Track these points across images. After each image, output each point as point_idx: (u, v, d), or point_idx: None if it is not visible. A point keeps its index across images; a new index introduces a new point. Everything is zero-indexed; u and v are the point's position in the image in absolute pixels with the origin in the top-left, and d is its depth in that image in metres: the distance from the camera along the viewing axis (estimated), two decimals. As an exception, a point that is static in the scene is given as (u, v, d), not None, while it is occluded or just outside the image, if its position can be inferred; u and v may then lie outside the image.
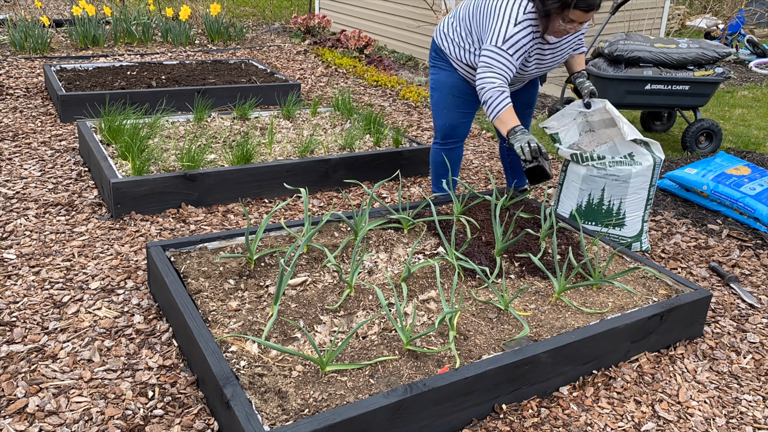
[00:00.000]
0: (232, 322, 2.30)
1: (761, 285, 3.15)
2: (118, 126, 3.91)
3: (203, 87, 5.20)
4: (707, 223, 3.75)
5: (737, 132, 5.63)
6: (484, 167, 4.49)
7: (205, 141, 4.12)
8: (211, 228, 3.34)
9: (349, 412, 1.85)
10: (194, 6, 9.47)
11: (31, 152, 4.13)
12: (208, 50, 7.48)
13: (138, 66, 5.92)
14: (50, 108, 5.02)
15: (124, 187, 3.31)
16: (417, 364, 2.14)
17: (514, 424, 2.13)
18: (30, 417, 2.04)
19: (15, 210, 3.36)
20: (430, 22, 7.20)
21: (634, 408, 2.26)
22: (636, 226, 3.31)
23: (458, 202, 3.22)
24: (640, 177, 3.21)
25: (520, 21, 2.83)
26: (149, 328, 2.51)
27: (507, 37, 2.83)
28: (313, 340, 2.04)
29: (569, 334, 2.29)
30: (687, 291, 2.67)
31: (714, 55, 4.72)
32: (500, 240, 2.83)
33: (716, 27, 9.83)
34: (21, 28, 6.75)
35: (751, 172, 3.87)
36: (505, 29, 2.83)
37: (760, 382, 2.46)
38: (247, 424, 1.79)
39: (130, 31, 7.52)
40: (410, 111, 5.76)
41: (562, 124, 3.37)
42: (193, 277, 2.54)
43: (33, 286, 2.73)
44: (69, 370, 2.26)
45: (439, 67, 3.28)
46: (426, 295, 2.54)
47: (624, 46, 4.68)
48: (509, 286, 2.65)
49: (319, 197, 3.81)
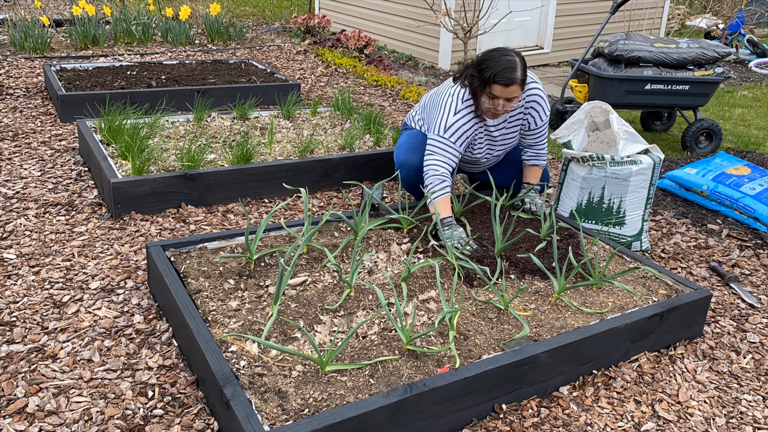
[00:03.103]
0: (232, 322, 2.30)
1: (761, 285, 3.15)
2: (118, 126, 3.90)
3: (203, 87, 5.20)
4: (707, 223, 3.75)
5: (737, 132, 5.63)
6: (484, 167, 4.49)
7: (205, 141, 4.12)
8: (211, 228, 3.34)
9: (349, 412, 1.85)
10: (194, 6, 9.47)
11: (31, 152, 4.13)
12: (208, 50, 7.48)
13: (138, 66, 5.92)
14: (50, 108, 5.02)
15: (124, 187, 3.31)
16: (417, 364, 2.14)
17: (514, 424, 2.14)
18: (30, 417, 2.04)
19: (15, 210, 3.36)
20: (430, 22, 7.20)
21: (634, 408, 2.26)
22: (636, 225, 3.31)
23: (458, 202, 3.23)
24: (641, 175, 3.22)
25: (459, 110, 3.01)
26: (149, 328, 2.51)
27: (447, 126, 3.00)
28: (313, 340, 2.04)
29: (569, 334, 2.29)
30: (687, 291, 2.67)
31: (714, 55, 4.72)
32: (500, 240, 2.83)
33: (716, 27, 9.83)
34: (21, 27, 6.75)
35: (751, 172, 3.87)
36: (446, 118, 3.01)
37: (760, 382, 2.46)
38: (247, 424, 1.79)
39: (130, 31, 7.52)
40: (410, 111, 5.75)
41: (571, 131, 3.43)
42: (193, 277, 2.54)
43: (33, 286, 2.73)
44: (69, 370, 2.26)
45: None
46: (426, 295, 2.54)
47: (624, 46, 4.68)
48: (509, 286, 2.65)
49: (319, 197, 3.81)
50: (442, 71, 7.29)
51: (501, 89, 2.85)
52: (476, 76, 2.91)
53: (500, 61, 2.84)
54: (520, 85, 2.87)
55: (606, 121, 3.45)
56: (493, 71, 2.82)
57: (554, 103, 5.64)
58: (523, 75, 2.88)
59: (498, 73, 2.82)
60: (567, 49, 8.21)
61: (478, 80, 2.89)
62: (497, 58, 2.85)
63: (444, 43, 7.30)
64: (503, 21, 7.21)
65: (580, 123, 3.45)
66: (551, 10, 7.84)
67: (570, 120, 3.47)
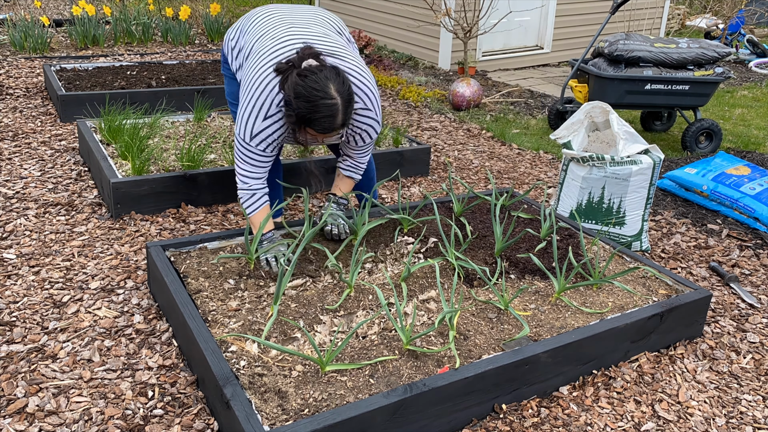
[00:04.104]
0: (232, 322, 2.30)
1: (761, 285, 3.15)
2: (118, 126, 3.90)
3: (203, 87, 5.20)
4: (707, 223, 3.75)
5: (737, 132, 5.63)
6: (484, 167, 4.49)
7: (205, 141, 4.12)
8: (211, 228, 3.34)
9: (349, 411, 1.85)
10: (194, 6, 9.47)
11: (31, 152, 4.13)
12: (208, 50, 7.48)
13: (138, 66, 5.92)
14: (50, 108, 5.02)
15: (124, 187, 3.31)
16: (417, 364, 2.14)
17: (514, 424, 2.14)
18: (30, 417, 2.04)
19: (15, 210, 3.36)
20: (430, 21, 7.20)
21: (634, 408, 2.26)
22: (636, 225, 3.31)
23: (458, 202, 3.22)
24: (641, 175, 3.22)
25: (270, 114, 2.50)
26: (149, 328, 2.51)
27: (254, 133, 2.53)
28: (313, 340, 2.04)
29: (569, 334, 2.29)
30: (687, 291, 2.67)
31: (714, 54, 4.72)
32: (500, 240, 2.83)
33: (716, 27, 9.83)
34: (21, 27, 6.75)
35: (751, 172, 3.87)
36: (252, 123, 2.51)
37: (760, 382, 2.46)
38: (247, 424, 1.79)
39: (130, 31, 7.52)
40: (410, 111, 5.76)
41: (571, 132, 3.43)
42: (192, 277, 2.54)
43: (33, 286, 2.73)
44: (69, 369, 2.26)
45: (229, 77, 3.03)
46: (426, 295, 2.54)
47: (624, 46, 4.68)
48: (509, 286, 2.65)
49: (319, 197, 3.81)
50: (442, 71, 7.29)
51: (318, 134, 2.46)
52: (292, 114, 2.38)
53: (319, 106, 2.33)
54: (341, 128, 2.45)
55: (606, 121, 3.46)
56: (310, 116, 2.36)
57: (554, 103, 5.64)
58: (345, 118, 2.41)
59: (315, 121, 2.37)
60: (567, 49, 8.21)
61: (294, 117, 2.39)
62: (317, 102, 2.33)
63: (444, 43, 7.31)
64: (503, 21, 7.22)
65: (579, 123, 3.46)
66: (551, 10, 7.84)
67: (570, 120, 3.47)
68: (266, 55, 2.57)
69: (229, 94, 3.06)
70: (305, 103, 2.33)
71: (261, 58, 2.58)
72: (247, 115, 2.52)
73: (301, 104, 2.34)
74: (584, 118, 3.46)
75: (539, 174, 4.43)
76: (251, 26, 2.81)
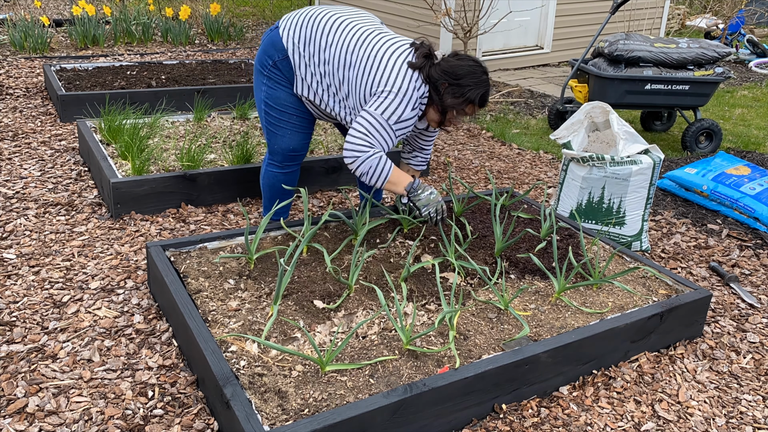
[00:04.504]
0: (232, 322, 2.30)
1: (761, 285, 3.15)
2: (118, 126, 3.91)
3: (203, 87, 5.20)
4: (707, 223, 3.75)
5: (737, 132, 5.63)
6: (484, 167, 4.49)
7: (205, 141, 4.12)
8: (211, 228, 3.34)
9: (349, 411, 1.85)
10: (194, 6, 9.47)
11: (31, 152, 4.13)
12: (208, 50, 7.48)
13: (138, 66, 5.92)
14: (50, 108, 5.02)
15: (123, 187, 3.31)
16: (417, 364, 2.14)
17: (514, 423, 2.14)
18: (30, 417, 2.04)
19: (15, 210, 3.36)
20: (430, 21, 7.20)
21: (634, 408, 2.26)
22: (636, 225, 3.31)
23: (458, 202, 3.23)
24: (641, 175, 3.22)
25: (416, 107, 2.65)
26: (149, 328, 2.51)
27: (400, 119, 2.63)
28: (313, 340, 2.04)
29: (569, 334, 2.29)
30: (687, 291, 2.67)
31: (714, 54, 4.72)
32: (500, 240, 2.83)
33: (716, 27, 9.83)
34: (21, 27, 6.75)
35: (751, 172, 3.87)
36: (402, 110, 2.62)
37: (760, 382, 2.46)
38: (247, 424, 1.79)
39: (130, 30, 7.52)
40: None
41: (571, 132, 3.43)
42: (193, 277, 2.54)
43: (33, 286, 2.73)
44: (69, 369, 2.26)
45: (277, 82, 2.83)
46: (426, 295, 2.54)
47: (624, 46, 4.68)
48: (509, 286, 2.65)
49: (319, 197, 3.81)
50: (442, 71, 7.28)
51: (476, 109, 2.68)
52: (458, 93, 2.60)
53: (482, 81, 2.62)
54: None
55: (606, 121, 3.46)
56: (478, 92, 2.61)
57: (554, 103, 5.64)
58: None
59: (483, 95, 2.62)
60: (567, 49, 8.21)
61: (461, 98, 2.61)
62: (478, 76, 2.61)
63: (444, 43, 7.30)
64: (503, 21, 7.21)
65: (579, 123, 3.46)
66: (551, 10, 7.84)
67: (570, 120, 3.47)
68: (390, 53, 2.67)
69: (272, 97, 2.85)
70: (474, 81, 2.60)
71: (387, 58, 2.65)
72: (396, 104, 2.62)
73: (470, 82, 2.59)
74: (584, 118, 3.46)
75: (539, 174, 4.43)
76: (331, 33, 2.74)
